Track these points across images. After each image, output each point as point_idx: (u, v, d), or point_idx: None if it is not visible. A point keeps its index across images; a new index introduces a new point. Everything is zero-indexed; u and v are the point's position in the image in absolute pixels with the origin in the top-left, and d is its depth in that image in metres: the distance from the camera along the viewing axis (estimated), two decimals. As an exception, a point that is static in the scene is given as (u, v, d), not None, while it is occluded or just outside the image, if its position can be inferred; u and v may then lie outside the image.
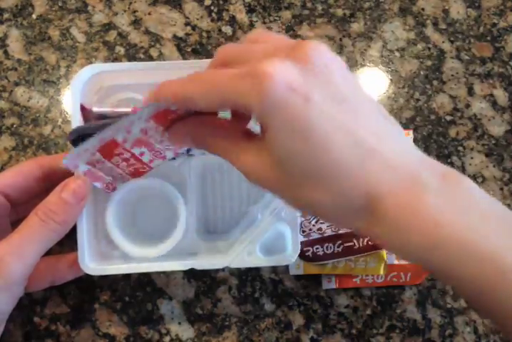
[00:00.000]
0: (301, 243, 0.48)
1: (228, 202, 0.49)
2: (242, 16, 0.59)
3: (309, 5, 0.59)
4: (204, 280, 0.49)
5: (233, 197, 0.49)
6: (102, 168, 0.38)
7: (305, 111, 0.27)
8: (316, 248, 0.48)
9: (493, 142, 0.54)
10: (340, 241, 0.48)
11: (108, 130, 0.34)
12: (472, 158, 0.53)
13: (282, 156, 0.28)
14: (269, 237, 0.44)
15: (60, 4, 0.59)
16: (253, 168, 0.30)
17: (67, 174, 0.38)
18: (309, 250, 0.48)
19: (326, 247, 0.48)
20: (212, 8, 0.59)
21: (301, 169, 0.28)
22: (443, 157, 0.53)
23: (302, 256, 0.47)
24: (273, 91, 0.27)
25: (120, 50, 0.57)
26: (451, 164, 0.53)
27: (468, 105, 0.55)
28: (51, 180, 0.39)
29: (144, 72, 0.47)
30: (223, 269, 0.49)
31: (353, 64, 0.57)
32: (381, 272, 0.48)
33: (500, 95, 0.55)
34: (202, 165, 0.47)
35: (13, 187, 0.39)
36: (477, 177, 0.53)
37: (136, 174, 0.41)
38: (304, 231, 0.49)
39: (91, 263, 0.42)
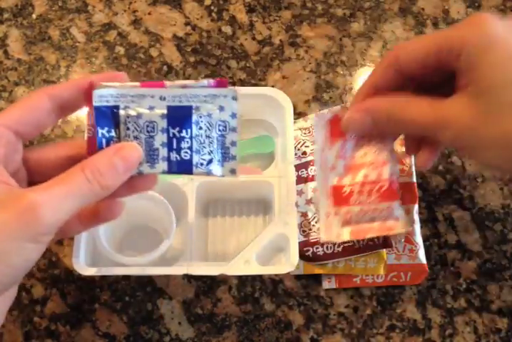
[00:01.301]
0: (301, 243, 0.48)
1: (228, 233, 0.49)
2: (242, 16, 0.59)
3: (309, 5, 0.59)
4: (204, 280, 0.49)
5: (233, 227, 0.50)
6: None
7: None
8: (317, 248, 0.48)
9: (493, 142, 0.54)
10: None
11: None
12: (472, 158, 0.53)
13: (498, 81, 0.30)
14: (268, 246, 0.44)
15: (60, 4, 0.59)
16: (457, 115, 0.32)
17: (80, 104, 0.34)
18: (309, 250, 0.48)
19: (327, 247, 0.48)
20: (212, 8, 0.59)
21: None
22: (444, 157, 0.53)
23: (302, 256, 0.47)
24: (486, 22, 0.31)
25: (120, 50, 0.57)
26: (451, 164, 0.53)
27: (468, 105, 0.55)
28: (63, 111, 0.36)
29: None
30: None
31: (353, 64, 0.57)
32: (381, 272, 0.48)
33: (500, 95, 0.55)
34: (206, 191, 0.47)
35: (22, 122, 0.34)
36: (477, 177, 0.53)
37: None
38: (304, 231, 0.49)
39: (87, 263, 0.42)
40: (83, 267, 0.41)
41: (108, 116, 0.32)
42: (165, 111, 0.32)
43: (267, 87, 0.48)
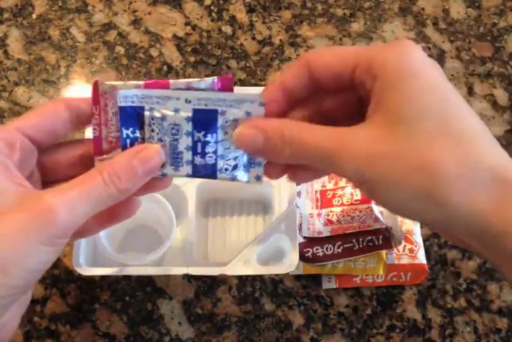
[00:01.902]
0: (301, 244, 0.48)
1: (228, 233, 0.49)
2: (242, 16, 0.59)
3: (309, 5, 0.59)
4: (204, 280, 0.49)
5: (233, 227, 0.50)
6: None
7: (443, 77, 0.29)
8: (316, 249, 0.48)
9: (493, 141, 0.54)
10: (340, 242, 0.48)
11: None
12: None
13: (414, 112, 0.28)
14: (268, 247, 0.44)
15: (60, 4, 0.59)
16: (364, 141, 0.29)
17: None
18: (308, 251, 0.48)
19: (326, 248, 0.48)
20: (212, 7, 0.59)
21: (435, 125, 0.28)
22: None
23: (302, 257, 0.47)
24: (412, 50, 0.29)
25: (120, 50, 0.57)
26: (451, 164, 0.53)
27: (468, 105, 0.55)
28: (80, 122, 0.35)
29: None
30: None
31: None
32: (381, 272, 0.48)
33: (500, 94, 0.55)
34: (206, 191, 0.47)
35: (38, 128, 0.34)
36: (477, 177, 0.53)
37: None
38: (304, 233, 0.49)
39: (87, 264, 0.42)
40: (83, 267, 0.41)
41: (133, 117, 0.32)
42: (190, 114, 0.31)
43: (267, 87, 0.48)
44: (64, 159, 0.36)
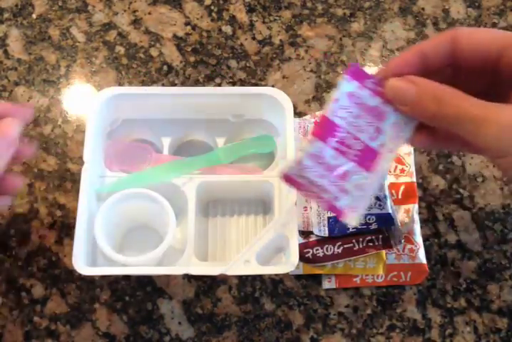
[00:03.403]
0: (301, 244, 0.48)
1: (228, 233, 0.49)
2: (242, 16, 0.59)
3: (309, 5, 0.59)
4: (204, 280, 0.49)
5: (233, 227, 0.50)
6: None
7: None
8: (316, 249, 0.48)
9: (493, 141, 0.54)
10: (340, 243, 0.48)
11: None
12: (472, 158, 0.53)
13: None
14: (268, 247, 0.44)
15: (60, 4, 0.59)
16: (502, 111, 0.29)
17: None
18: (309, 252, 0.48)
19: (326, 249, 0.48)
20: (212, 7, 0.59)
21: None
22: (444, 157, 0.53)
23: (302, 257, 0.47)
24: None
25: (120, 50, 0.57)
26: (451, 164, 0.53)
27: (468, 105, 0.55)
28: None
29: (160, 104, 0.47)
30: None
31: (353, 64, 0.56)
32: (381, 272, 0.48)
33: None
34: (206, 191, 0.47)
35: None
36: (477, 177, 0.53)
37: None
38: (303, 233, 0.49)
39: (87, 263, 0.42)
40: (83, 267, 0.41)
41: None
42: None
43: (267, 87, 0.47)
44: None
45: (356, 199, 0.38)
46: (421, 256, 0.49)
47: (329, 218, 0.48)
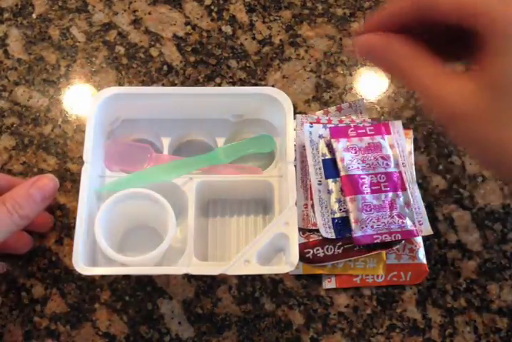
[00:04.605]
0: (301, 245, 0.48)
1: (228, 233, 0.49)
2: (242, 16, 0.59)
3: (309, 4, 0.59)
4: (204, 280, 0.49)
5: (233, 227, 0.50)
6: None
7: None
8: (317, 250, 0.48)
9: (493, 141, 0.54)
10: (340, 243, 0.48)
11: None
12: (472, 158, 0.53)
13: None
14: (268, 247, 0.44)
15: (60, 4, 0.59)
16: (455, 96, 0.29)
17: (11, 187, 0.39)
18: (309, 252, 0.48)
19: (327, 249, 0.48)
20: (212, 7, 0.59)
21: None
22: (444, 157, 0.53)
23: (302, 258, 0.47)
24: None
25: (120, 49, 0.57)
26: (451, 164, 0.53)
27: (468, 105, 0.54)
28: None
29: (160, 104, 0.47)
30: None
31: (353, 64, 0.57)
32: (381, 272, 0.48)
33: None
34: (206, 191, 0.47)
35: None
36: (477, 177, 0.53)
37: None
38: (304, 233, 0.49)
39: (87, 263, 0.42)
40: (83, 267, 0.41)
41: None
42: None
43: (267, 87, 0.47)
44: None
45: (411, 214, 0.47)
46: (421, 256, 0.49)
47: (333, 219, 0.48)
